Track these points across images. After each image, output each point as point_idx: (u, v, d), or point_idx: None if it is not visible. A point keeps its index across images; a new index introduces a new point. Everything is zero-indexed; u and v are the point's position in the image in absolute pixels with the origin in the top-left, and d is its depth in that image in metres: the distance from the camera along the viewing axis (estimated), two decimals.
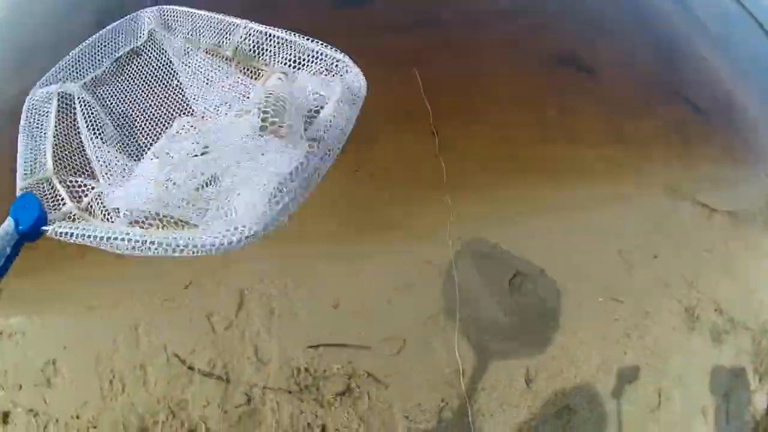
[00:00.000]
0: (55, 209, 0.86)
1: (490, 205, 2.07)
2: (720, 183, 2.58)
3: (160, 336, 1.91)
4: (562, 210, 2.14)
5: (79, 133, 1.02)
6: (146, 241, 0.65)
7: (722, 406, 2.33)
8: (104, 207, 0.91)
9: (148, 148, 1.08)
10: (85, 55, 1.11)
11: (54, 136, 0.98)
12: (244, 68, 1.07)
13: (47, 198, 0.88)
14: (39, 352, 2.01)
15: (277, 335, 1.79)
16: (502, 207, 2.07)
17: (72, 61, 1.10)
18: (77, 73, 1.11)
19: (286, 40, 0.99)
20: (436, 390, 1.78)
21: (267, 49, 1.02)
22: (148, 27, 1.16)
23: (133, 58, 1.16)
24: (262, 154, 0.73)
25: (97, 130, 1.06)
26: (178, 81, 1.17)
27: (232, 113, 0.99)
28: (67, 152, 0.99)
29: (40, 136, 0.98)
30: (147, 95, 1.16)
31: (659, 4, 3.29)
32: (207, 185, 0.82)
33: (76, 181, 0.95)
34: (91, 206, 0.93)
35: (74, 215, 0.85)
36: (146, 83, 1.17)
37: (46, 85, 1.06)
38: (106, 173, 0.97)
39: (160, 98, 1.17)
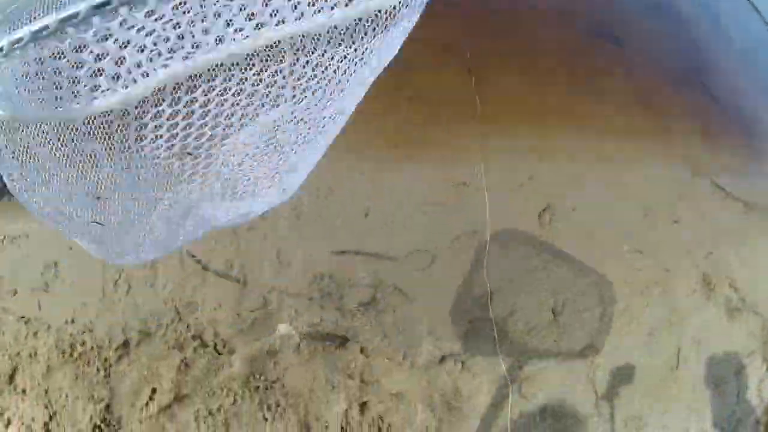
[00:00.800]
0: None
1: (521, 143, 2.07)
2: (737, 172, 2.62)
3: None
4: (591, 159, 2.16)
5: None
6: None
7: (734, 384, 2.29)
8: None
9: None
10: None
11: None
12: None
13: None
14: (42, 254, 1.87)
15: (302, 239, 1.71)
16: (533, 145, 2.07)
17: None
18: None
19: None
20: (464, 310, 1.71)
21: None
22: None
23: None
24: None
25: None
26: None
27: None
28: None
29: None
30: None
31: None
32: None
33: None
34: None
35: None
36: None
37: None
38: None
39: None
